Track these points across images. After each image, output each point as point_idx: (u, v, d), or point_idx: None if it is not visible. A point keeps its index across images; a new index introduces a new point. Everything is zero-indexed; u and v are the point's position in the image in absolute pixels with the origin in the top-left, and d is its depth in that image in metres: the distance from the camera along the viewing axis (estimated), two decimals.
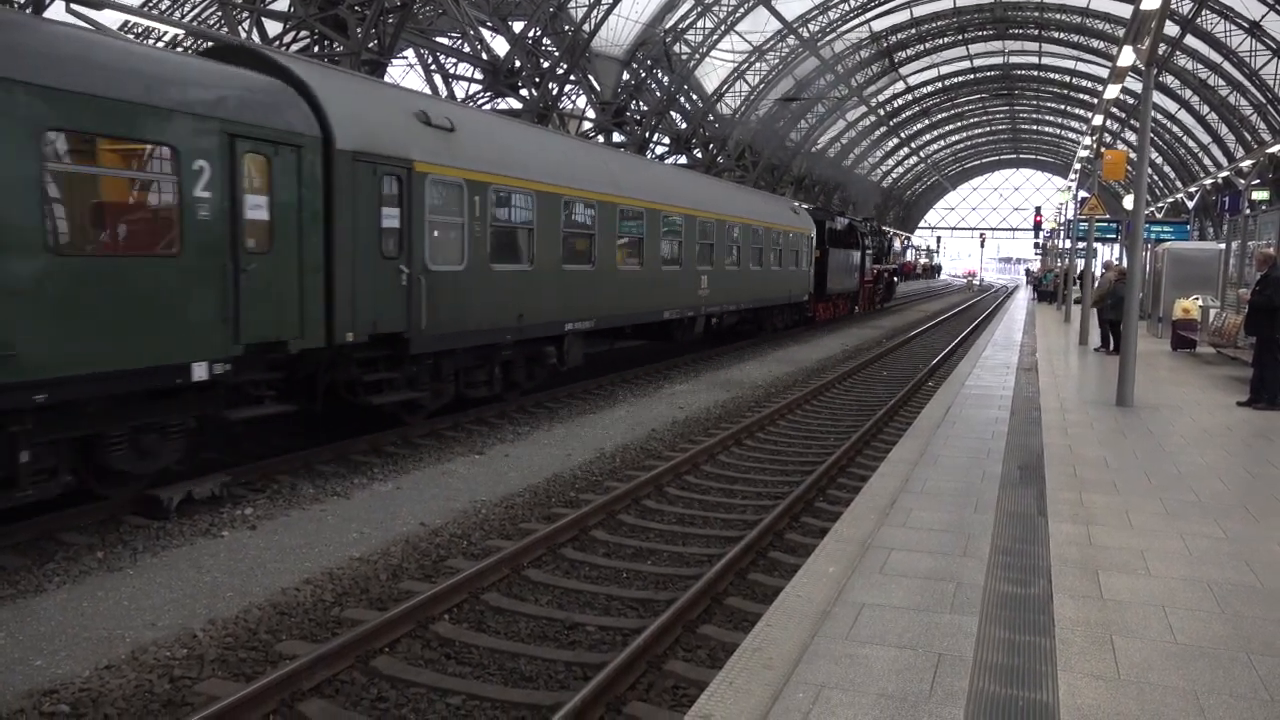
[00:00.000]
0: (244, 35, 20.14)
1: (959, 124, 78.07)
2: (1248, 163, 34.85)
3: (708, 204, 20.92)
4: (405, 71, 43.22)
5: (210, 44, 11.53)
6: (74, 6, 11.02)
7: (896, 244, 57.40)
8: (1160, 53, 36.80)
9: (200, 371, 8.36)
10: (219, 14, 31.24)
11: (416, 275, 10.99)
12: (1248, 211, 26.25)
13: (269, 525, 8.30)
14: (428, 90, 33.13)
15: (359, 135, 10.12)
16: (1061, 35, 48.88)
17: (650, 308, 17.76)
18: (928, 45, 51.33)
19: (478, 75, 33.49)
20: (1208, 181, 43.90)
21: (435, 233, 11.38)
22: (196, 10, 42.32)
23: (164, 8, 40.88)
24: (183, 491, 8.56)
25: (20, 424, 7.13)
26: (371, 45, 19.65)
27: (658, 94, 40.18)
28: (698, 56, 40.61)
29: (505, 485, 10.01)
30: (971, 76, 61.58)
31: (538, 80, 31.08)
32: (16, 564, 7.16)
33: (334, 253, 9.79)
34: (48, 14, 20.96)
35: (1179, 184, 56.05)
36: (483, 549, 8.06)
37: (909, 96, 63.02)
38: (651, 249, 17.74)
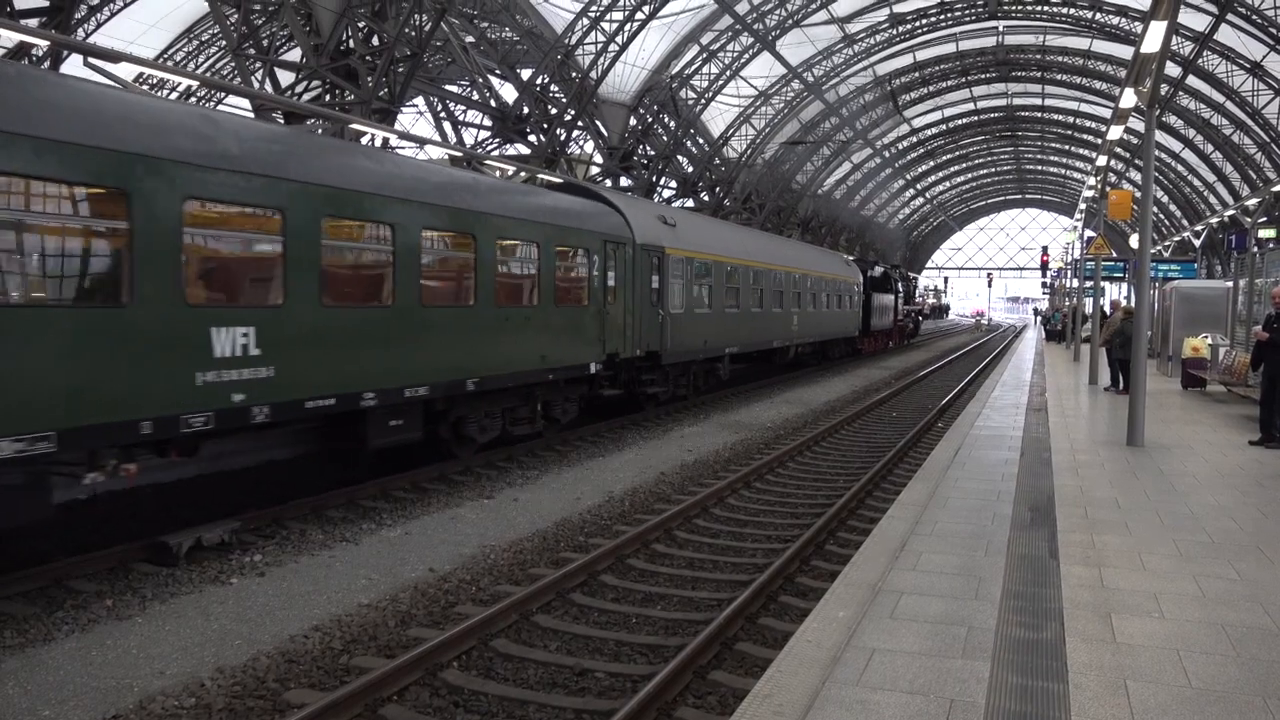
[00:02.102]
0: (256, 84, 20.47)
1: (964, 165, 78.53)
2: (1253, 201, 34.94)
3: (795, 262, 27.64)
4: (415, 119, 43.82)
5: (564, 180, 19.71)
6: (92, 61, 11.28)
7: (921, 286, 61.17)
8: (1162, 93, 37.03)
9: (593, 368, 15.16)
10: (233, 65, 31.75)
11: (665, 316, 17.78)
12: (1255, 249, 26.24)
13: (278, 572, 8.29)
14: (437, 136, 33.55)
15: (643, 234, 17.07)
16: (1064, 77, 49.30)
17: (766, 339, 24.56)
18: (931, 88, 51.82)
19: (486, 121, 33.96)
20: (1214, 220, 43.95)
21: (671, 290, 18.08)
22: (210, 61, 43.11)
23: (178, 59, 41.64)
24: (192, 538, 8.57)
25: (541, 390, 14.04)
26: (382, 94, 19.97)
27: (664, 138, 40.58)
28: (703, 101, 41.03)
29: (514, 530, 9.99)
30: (975, 118, 62.08)
31: (545, 126, 31.45)
32: (26, 612, 7.16)
33: (634, 303, 16.59)
34: (63, 68, 21.36)
35: (1185, 222, 56.15)
36: (491, 595, 8.03)
37: (914, 139, 63.49)
38: (767, 297, 24.33)
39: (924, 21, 41.94)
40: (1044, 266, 73.42)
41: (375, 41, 20.30)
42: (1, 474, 6.85)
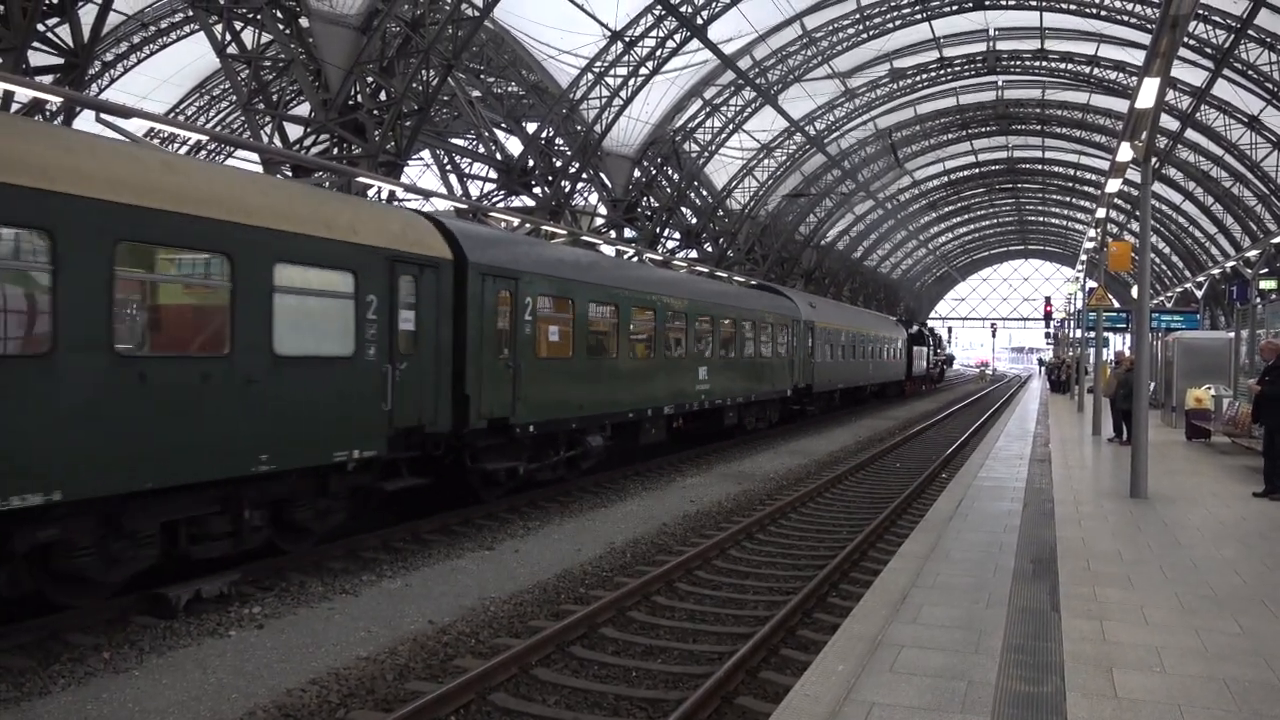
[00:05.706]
0: (266, 139, 20.80)
1: (966, 216, 79.00)
2: (1254, 252, 35.10)
3: (868, 325, 38.51)
4: (421, 171, 44.34)
5: (758, 283, 31.63)
6: (104, 116, 11.51)
7: (944, 339, 74.39)
8: (1161, 147, 37.36)
9: (787, 391, 26.11)
10: (243, 119, 32.28)
11: (814, 363, 28.60)
12: (1257, 300, 26.28)
13: (276, 624, 8.25)
14: (443, 189, 33.94)
15: (805, 314, 28.04)
16: (1063, 130, 49.87)
17: (856, 380, 35.40)
18: (932, 141, 52.41)
19: (491, 174, 34.38)
20: (1215, 271, 44.09)
21: (817, 347, 29.07)
22: (221, 115, 43.79)
23: (190, 114, 42.30)
24: (191, 590, 8.54)
25: (768, 404, 25.41)
26: (389, 147, 20.28)
27: (668, 190, 41.02)
28: (706, 154, 41.52)
29: (514, 582, 9.94)
30: (977, 170, 62.62)
31: (550, 178, 31.83)
32: (22, 665, 7.11)
33: (802, 355, 27.22)
34: (76, 124, 21.72)
35: (1188, 273, 56.32)
36: (491, 647, 7.98)
37: (916, 190, 64.02)
38: (856, 351, 35.06)
39: (924, 76, 42.60)
40: (1047, 317, 73.56)
41: (383, 96, 20.67)
42: (652, 422, 17.78)
